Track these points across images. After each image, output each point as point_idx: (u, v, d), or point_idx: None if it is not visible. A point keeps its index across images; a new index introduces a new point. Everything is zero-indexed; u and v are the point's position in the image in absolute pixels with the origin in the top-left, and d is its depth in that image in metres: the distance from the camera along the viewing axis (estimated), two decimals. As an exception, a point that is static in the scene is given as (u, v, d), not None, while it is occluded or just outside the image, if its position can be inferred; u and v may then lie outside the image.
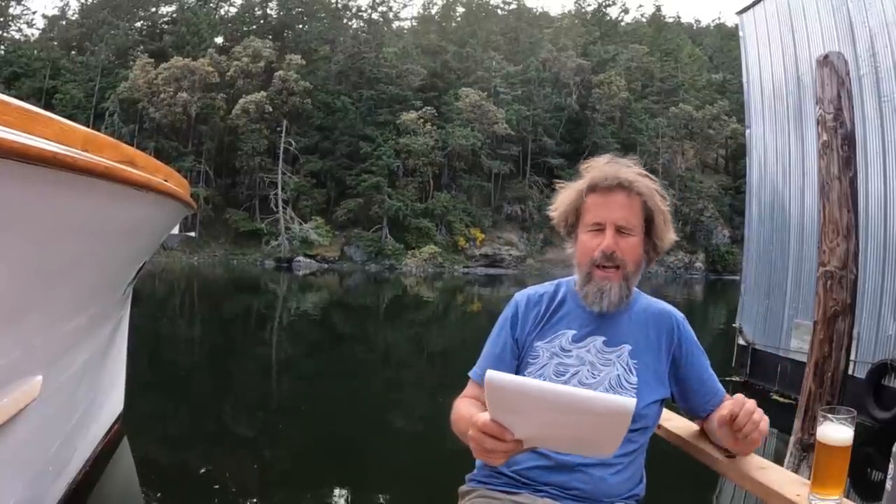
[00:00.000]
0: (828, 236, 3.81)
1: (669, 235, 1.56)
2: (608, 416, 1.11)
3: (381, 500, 5.02)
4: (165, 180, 2.33)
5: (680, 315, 1.62)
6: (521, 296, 1.67)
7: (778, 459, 2.99)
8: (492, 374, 1.12)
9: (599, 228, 1.50)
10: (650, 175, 1.56)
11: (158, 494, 4.63)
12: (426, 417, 7.27)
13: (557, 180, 1.69)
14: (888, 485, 1.49)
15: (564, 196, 1.58)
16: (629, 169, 1.54)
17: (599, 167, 1.54)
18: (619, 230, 1.49)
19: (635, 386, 1.49)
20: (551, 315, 1.60)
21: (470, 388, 1.64)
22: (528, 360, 1.58)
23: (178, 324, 16.06)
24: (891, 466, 1.48)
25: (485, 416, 1.18)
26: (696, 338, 1.61)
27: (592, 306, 1.54)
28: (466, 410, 1.49)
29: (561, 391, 1.15)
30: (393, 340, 15.06)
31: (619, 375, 1.50)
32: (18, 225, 1.60)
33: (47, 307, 2.10)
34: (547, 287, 1.67)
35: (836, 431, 1.23)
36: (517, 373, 1.59)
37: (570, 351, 1.55)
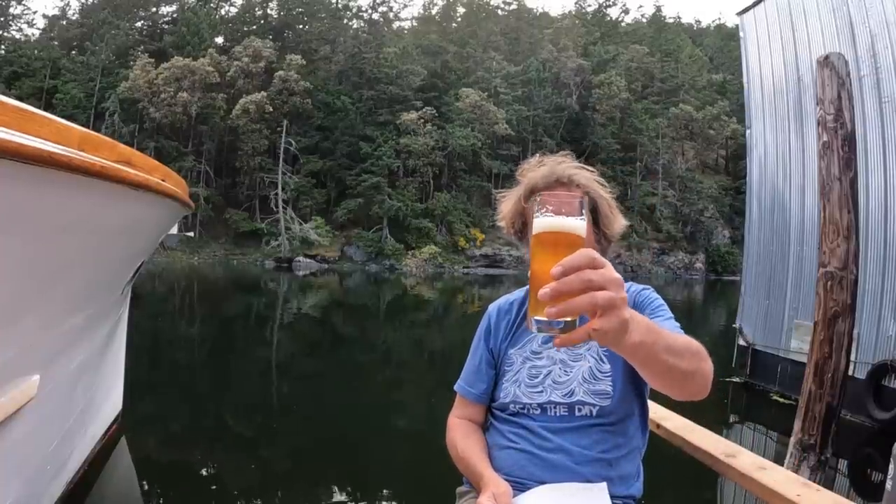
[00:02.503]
0: (828, 237, 3.81)
1: (618, 221, 1.57)
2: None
3: (380, 500, 5.01)
4: (163, 180, 2.32)
5: (639, 287, 1.59)
6: (492, 307, 1.70)
7: (778, 459, 2.99)
8: None
9: None
10: (586, 166, 1.57)
11: (157, 494, 4.63)
12: (425, 418, 7.26)
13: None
14: (888, 485, 1.48)
15: (506, 204, 1.60)
16: (564, 164, 1.54)
17: (534, 168, 1.55)
18: None
19: (608, 374, 1.49)
20: (521, 321, 1.62)
21: (460, 406, 1.67)
22: (505, 368, 1.60)
23: (177, 323, 16.05)
24: (891, 466, 1.47)
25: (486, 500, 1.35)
26: (658, 303, 1.51)
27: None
28: (463, 447, 1.55)
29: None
30: (393, 340, 15.05)
31: (591, 367, 1.50)
32: (14, 224, 1.60)
33: (44, 307, 2.09)
34: (517, 294, 1.69)
35: (552, 219, 0.87)
36: (496, 382, 1.61)
37: (540, 353, 1.56)
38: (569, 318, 0.82)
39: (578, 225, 0.86)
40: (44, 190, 1.58)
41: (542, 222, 0.86)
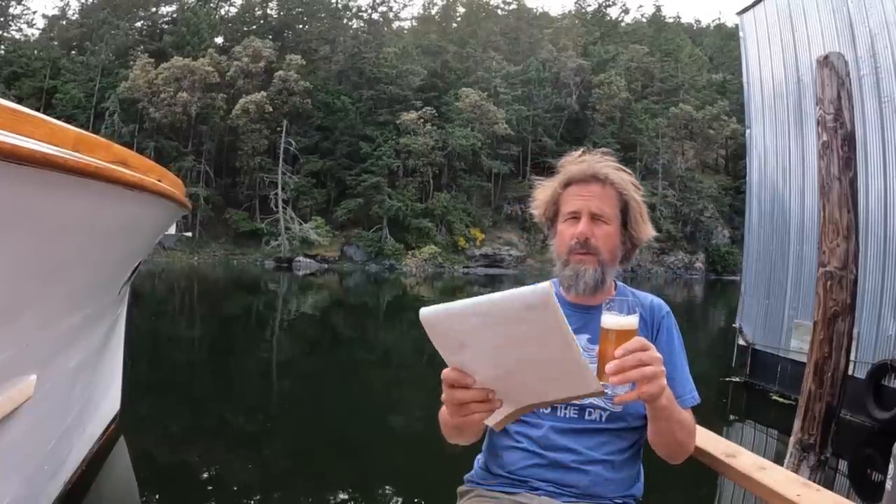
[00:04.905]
0: (828, 237, 3.80)
1: (646, 228, 1.57)
2: (534, 310, 1.04)
3: (381, 500, 5.01)
4: (159, 180, 2.32)
5: (666, 308, 1.60)
6: None
7: (778, 459, 2.98)
8: (424, 310, 1.09)
9: (575, 217, 1.52)
10: (625, 168, 1.58)
11: (155, 494, 4.62)
12: (425, 417, 7.24)
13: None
14: (888, 485, 1.48)
15: (542, 192, 1.62)
16: (604, 162, 1.56)
17: (574, 161, 1.58)
18: (594, 218, 1.51)
19: None
20: None
21: None
22: None
23: (177, 323, 16.05)
24: (891, 466, 1.46)
25: (447, 369, 1.18)
26: (677, 335, 1.58)
27: (569, 291, 1.55)
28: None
29: (480, 298, 1.09)
30: (393, 340, 15.04)
31: None
32: (10, 225, 1.59)
33: (41, 307, 2.09)
34: None
35: (616, 318, 1.21)
36: None
37: None
38: (627, 385, 1.18)
39: (633, 321, 1.20)
40: (39, 191, 1.57)
41: (610, 319, 1.21)
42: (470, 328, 1.10)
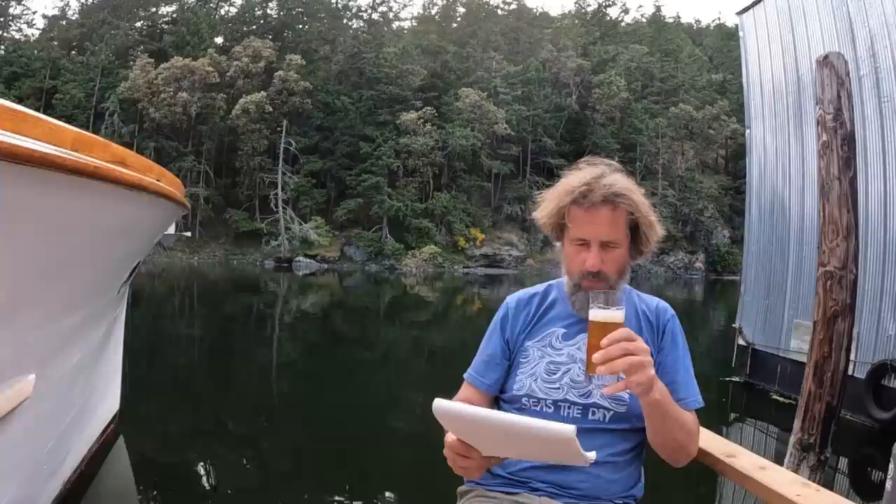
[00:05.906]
0: (828, 237, 3.79)
1: (655, 234, 1.55)
2: (553, 441, 1.18)
3: (381, 500, 5.00)
4: (158, 180, 2.32)
5: (671, 311, 1.61)
6: (511, 298, 1.69)
7: (778, 459, 2.97)
8: (437, 404, 1.21)
9: (584, 244, 1.49)
10: (632, 187, 1.51)
11: (154, 494, 4.62)
12: (426, 417, 7.22)
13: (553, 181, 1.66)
14: (888, 485, 1.47)
15: (547, 206, 1.54)
16: (612, 177, 1.48)
17: (581, 178, 1.49)
18: (604, 245, 1.48)
19: None
20: (542, 315, 1.61)
21: (463, 391, 1.66)
22: (520, 360, 1.58)
23: (177, 323, 16.04)
24: (891, 466, 1.46)
25: (452, 436, 1.27)
26: (682, 337, 1.58)
27: (580, 312, 1.54)
28: None
29: (502, 420, 1.22)
30: (393, 340, 15.04)
31: None
32: (8, 224, 1.59)
33: (40, 306, 2.09)
34: (537, 289, 1.69)
35: (603, 311, 1.27)
36: (509, 373, 1.60)
37: (560, 349, 1.55)
38: (614, 376, 1.24)
39: (619, 314, 1.26)
40: (37, 190, 1.57)
41: (597, 313, 1.27)
42: (484, 433, 1.24)
